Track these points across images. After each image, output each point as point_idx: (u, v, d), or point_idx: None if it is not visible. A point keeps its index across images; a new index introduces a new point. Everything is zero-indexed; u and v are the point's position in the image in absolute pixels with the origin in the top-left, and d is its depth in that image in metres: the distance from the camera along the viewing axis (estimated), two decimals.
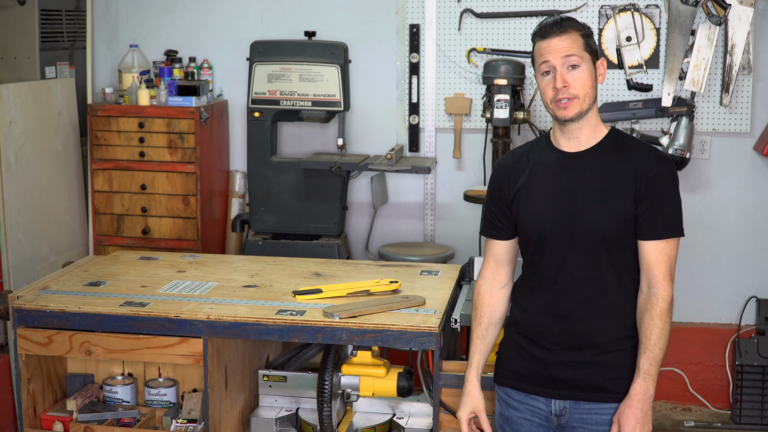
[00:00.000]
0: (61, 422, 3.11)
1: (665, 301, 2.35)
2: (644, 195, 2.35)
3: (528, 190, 2.47)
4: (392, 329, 2.80)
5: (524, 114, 4.23)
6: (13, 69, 4.52)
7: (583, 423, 2.42)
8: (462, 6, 4.50)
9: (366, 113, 4.68)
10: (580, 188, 2.39)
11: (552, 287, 2.43)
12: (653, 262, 2.37)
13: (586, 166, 2.41)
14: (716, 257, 4.54)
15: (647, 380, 2.34)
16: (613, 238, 2.37)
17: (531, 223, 2.45)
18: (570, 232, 2.39)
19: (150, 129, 4.44)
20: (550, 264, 2.42)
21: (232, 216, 4.74)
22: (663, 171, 2.37)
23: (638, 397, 2.34)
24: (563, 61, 2.38)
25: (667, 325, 2.35)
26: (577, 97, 2.37)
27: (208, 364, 2.91)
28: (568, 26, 2.40)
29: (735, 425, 4.41)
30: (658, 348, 2.34)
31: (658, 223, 2.36)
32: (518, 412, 2.51)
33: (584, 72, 2.38)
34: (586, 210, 2.37)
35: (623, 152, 2.41)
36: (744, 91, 4.36)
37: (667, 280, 2.37)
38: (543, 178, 2.45)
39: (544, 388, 2.45)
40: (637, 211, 2.36)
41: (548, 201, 2.43)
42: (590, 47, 2.40)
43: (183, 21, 4.78)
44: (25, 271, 4.24)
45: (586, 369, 2.40)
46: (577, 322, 2.40)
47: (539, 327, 2.45)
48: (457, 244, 4.61)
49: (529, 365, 2.48)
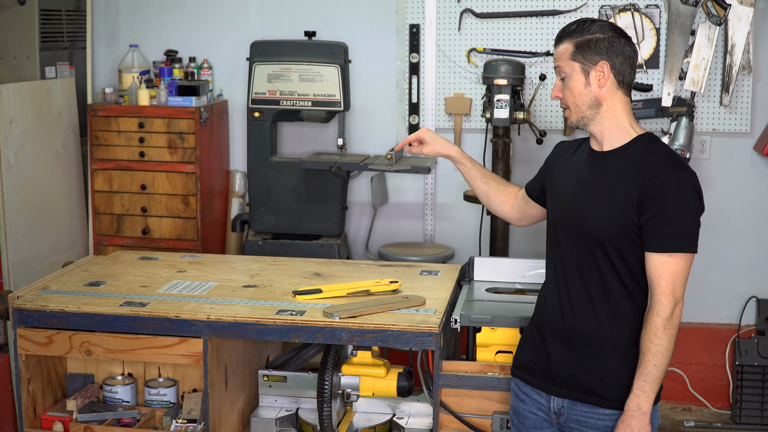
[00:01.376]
0: (61, 422, 3.11)
1: (661, 317, 2.26)
2: (649, 203, 2.26)
3: (560, 181, 2.51)
4: (392, 329, 2.80)
5: (524, 114, 4.23)
6: (13, 69, 4.52)
7: (580, 425, 2.42)
8: (462, 6, 4.50)
9: (366, 113, 4.68)
10: (593, 189, 2.38)
11: (562, 282, 2.43)
12: (655, 275, 2.27)
13: (606, 167, 2.39)
14: (716, 257, 4.54)
15: (640, 397, 2.29)
16: (612, 243, 2.32)
17: (552, 213, 2.51)
18: (578, 230, 2.39)
19: (150, 129, 4.44)
20: (563, 258, 2.43)
21: (232, 216, 4.74)
22: (674, 180, 2.26)
23: (630, 413, 2.31)
24: (556, 71, 2.42)
25: (663, 341, 2.27)
26: (567, 107, 2.41)
27: (208, 364, 2.91)
28: (565, 36, 2.40)
29: (735, 425, 4.41)
30: (651, 364, 2.27)
31: (662, 234, 2.26)
32: (525, 404, 2.53)
33: (572, 81, 2.38)
34: (590, 210, 2.37)
35: (643, 157, 2.33)
36: (744, 91, 4.36)
37: (666, 295, 2.26)
38: (572, 173, 2.47)
39: (545, 384, 2.46)
40: (641, 220, 2.28)
41: (568, 196, 2.44)
42: (581, 56, 2.35)
43: (183, 21, 4.78)
44: (25, 271, 4.24)
45: (585, 370, 2.39)
46: (580, 320, 2.39)
47: (548, 320, 2.47)
48: (457, 244, 4.61)
49: (536, 358, 2.49)
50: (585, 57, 2.36)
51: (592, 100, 2.37)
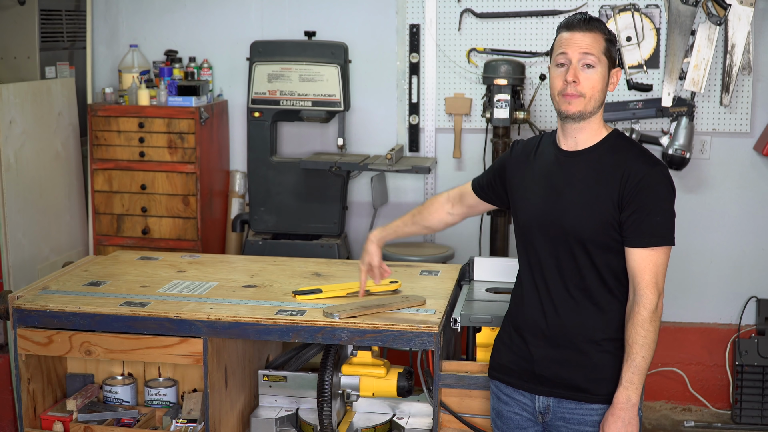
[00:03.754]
0: (61, 422, 3.11)
1: (647, 309, 2.30)
2: (629, 200, 2.31)
3: (526, 181, 2.49)
4: (392, 329, 2.80)
5: (524, 114, 4.23)
6: (13, 69, 4.52)
7: (566, 422, 2.43)
8: (462, 6, 4.50)
9: (366, 113, 4.68)
10: (568, 188, 2.39)
11: (541, 282, 2.44)
12: (637, 269, 2.32)
13: (577, 166, 2.40)
14: (716, 257, 4.54)
15: (629, 389, 2.32)
16: (593, 242, 2.35)
17: (522, 215, 2.49)
18: (555, 231, 2.39)
19: (150, 129, 4.44)
20: (539, 259, 2.43)
21: (232, 216, 4.74)
22: (652, 176, 2.31)
23: (620, 406, 2.33)
24: (580, 57, 2.35)
25: (650, 333, 2.30)
26: (583, 95, 2.36)
27: (208, 364, 2.91)
28: (595, 26, 2.38)
29: (735, 425, 4.41)
30: (640, 356, 2.31)
31: (643, 230, 2.31)
32: (508, 406, 2.53)
33: (597, 74, 2.36)
34: (569, 211, 2.37)
35: (617, 155, 2.37)
36: (744, 91, 4.36)
37: (650, 288, 2.31)
38: (540, 174, 2.46)
39: (529, 384, 2.47)
40: (621, 217, 2.32)
41: (539, 197, 2.44)
42: (610, 53, 2.38)
43: (183, 21, 4.78)
44: (25, 271, 4.24)
45: (569, 368, 2.40)
46: (561, 319, 2.40)
47: (527, 321, 2.47)
48: (457, 244, 4.61)
49: (517, 360, 2.49)
50: (612, 57, 2.39)
51: (602, 98, 2.39)
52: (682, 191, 4.36)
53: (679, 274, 4.47)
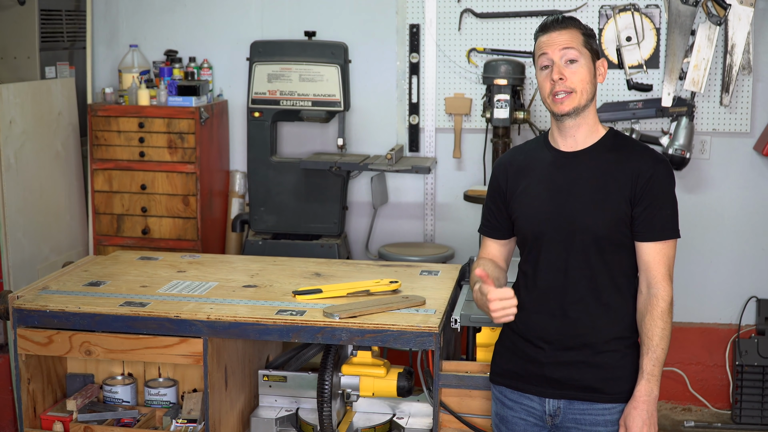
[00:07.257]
0: (61, 422, 3.11)
1: (665, 301, 2.36)
2: (641, 196, 2.35)
3: (525, 189, 2.48)
4: (392, 329, 2.80)
5: (524, 114, 4.23)
6: (13, 69, 4.52)
7: (577, 423, 2.42)
8: (462, 6, 4.50)
9: (366, 113, 4.68)
10: (575, 188, 2.40)
11: (547, 286, 2.43)
12: (652, 263, 2.37)
13: (582, 165, 2.41)
14: (716, 257, 4.54)
15: (651, 381, 2.35)
16: (607, 240, 2.37)
17: (527, 222, 2.46)
18: (565, 233, 2.39)
19: (150, 129, 4.44)
20: (545, 263, 2.43)
21: (232, 216, 4.74)
22: (660, 172, 2.37)
23: (643, 399, 2.35)
24: (561, 54, 2.37)
25: (668, 325, 2.35)
26: (573, 90, 2.36)
27: (208, 364, 2.91)
28: (570, 23, 2.41)
29: (735, 425, 4.41)
30: (660, 348, 2.34)
31: (655, 224, 2.36)
32: (513, 411, 2.51)
33: (582, 67, 2.38)
34: (580, 211, 2.38)
35: (620, 153, 2.41)
36: (744, 91, 4.36)
37: (666, 280, 2.38)
38: (540, 178, 2.46)
39: (539, 387, 2.46)
40: (633, 213, 2.36)
41: (544, 201, 2.43)
42: (590, 45, 2.40)
43: (183, 21, 4.78)
44: (25, 271, 4.24)
45: (580, 369, 2.40)
46: (572, 321, 2.40)
47: (534, 326, 2.46)
48: (457, 244, 4.61)
49: (523, 364, 2.48)
50: (594, 48, 2.41)
51: (592, 90, 2.41)
52: (682, 191, 4.36)
53: (680, 273, 4.46)
